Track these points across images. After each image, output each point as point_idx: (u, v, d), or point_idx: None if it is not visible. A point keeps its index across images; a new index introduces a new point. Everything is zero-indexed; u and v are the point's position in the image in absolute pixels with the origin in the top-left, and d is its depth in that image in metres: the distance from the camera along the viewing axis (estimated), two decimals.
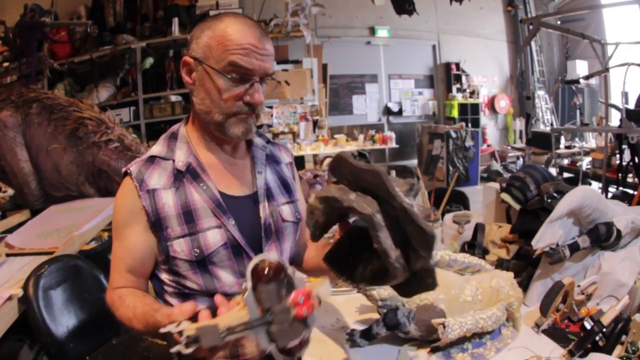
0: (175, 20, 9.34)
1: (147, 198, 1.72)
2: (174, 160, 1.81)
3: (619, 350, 1.74)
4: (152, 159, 1.81)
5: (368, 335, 1.89)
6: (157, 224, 1.73)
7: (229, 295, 1.78)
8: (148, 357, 2.84)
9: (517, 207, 2.61)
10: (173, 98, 9.31)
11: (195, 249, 1.71)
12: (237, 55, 1.66)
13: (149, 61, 9.36)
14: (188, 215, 1.75)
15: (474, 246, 2.73)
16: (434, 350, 1.84)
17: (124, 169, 1.81)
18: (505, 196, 2.69)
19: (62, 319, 2.80)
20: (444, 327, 1.69)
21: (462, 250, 2.85)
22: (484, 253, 2.70)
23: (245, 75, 1.69)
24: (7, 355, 3.38)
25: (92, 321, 2.98)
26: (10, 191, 5.96)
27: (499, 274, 2.05)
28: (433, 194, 3.23)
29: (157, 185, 1.75)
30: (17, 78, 8.21)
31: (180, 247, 1.72)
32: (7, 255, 3.55)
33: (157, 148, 1.86)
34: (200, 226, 1.74)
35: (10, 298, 2.78)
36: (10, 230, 4.34)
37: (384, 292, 1.84)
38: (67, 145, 5.38)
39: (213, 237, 1.73)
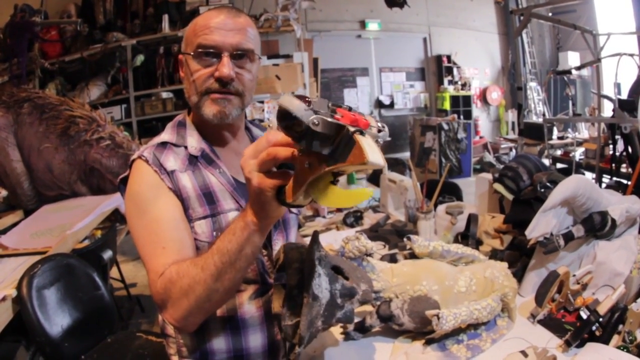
0: (166, 17, 9.28)
1: (170, 180, 1.72)
2: (185, 147, 1.83)
3: (616, 339, 1.74)
4: (164, 144, 1.82)
5: (362, 328, 1.89)
6: (181, 204, 1.73)
7: (243, 282, 1.81)
8: (143, 355, 2.85)
9: (510, 197, 2.61)
10: (164, 95, 9.25)
11: (217, 231, 1.72)
12: (203, 36, 1.72)
13: (140, 58, 9.31)
14: (209, 197, 1.76)
15: (468, 237, 2.72)
16: (428, 342, 1.84)
17: (134, 156, 1.79)
18: (498, 186, 2.68)
19: (57, 318, 2.80)
20: (438, 318, 1.68)
21: (456, 241, 2.84)
22: (477, 244, 2.69)
23: (211, 51, 1.73)
24: (3, 356, 3.39)
25: (87, 320, 2.98)
26: (4, 192, 5.95)
27: (493, 265, 2.04)
28: (425, 186, 3.23)
29: (175, 167, 1.75)
30: (8, 79, 8.19)
31: (201, 229, 1.72)
32: (1, 256, 3.54)
33: (167, 135, 1.86)
34: (221, 207, 1.76)
35: (4, 299, 2.78)
36: (4, 231, 4.33)
37: (377, 284, 1.83)
38: (59, 144, 5.38)
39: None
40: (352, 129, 1.06)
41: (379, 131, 1.20)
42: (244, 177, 1.25)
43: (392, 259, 2.19)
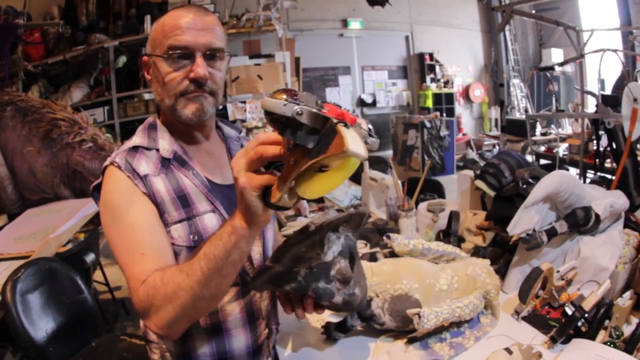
0: (148, 18, 9.25)
1: (143, 185, 1.68)
2: (157, 150, 1.79)
3: (602, 335, 1.74)
4: (135, 148, 1.78)
5: (343, 328, 1.88)
6: (157, 208, 1.69)
7: None
8: (127, 358, 2.84)
9: (491, 193, 2.61)
10: (146, 96, 9.24)
11: (193, 235, 1.68)
12: (173, 37, 1.68)
13: (122, 60, 9.28)
14: (183, 200, 1.72)
15: (449, 234, 2.72)
16: (411, 341, 1.83)
17: (106, 162, 1.75)
18: (479, 183, 2.69)
19: (41, 323, 2.79)
20: (419, 317, 1.68)
21: (437, 238, 2.84)
22: (459, 241, 2.69)
23: (184, 52, 1.70)
24: None
25: (71, 324, 2.97)
26: None
27: (474, 262, 2.04)
28: (406, 184, 3.23)
29: (147, 171, 1.71)
30: None
31: (177, 233, 1.68)
32: None
33: (138, 139, 1.82)
34: (197, 210, 1.72)
35: None
36: None
37: None
38: (42, 148, 5.37)
39: (210, 221, 1.71)
40: (336, 120, 1.06)
41: (370, 135, 1.20)
42: (232, 177, 1.23)
43: (372, 257, 2.19)
